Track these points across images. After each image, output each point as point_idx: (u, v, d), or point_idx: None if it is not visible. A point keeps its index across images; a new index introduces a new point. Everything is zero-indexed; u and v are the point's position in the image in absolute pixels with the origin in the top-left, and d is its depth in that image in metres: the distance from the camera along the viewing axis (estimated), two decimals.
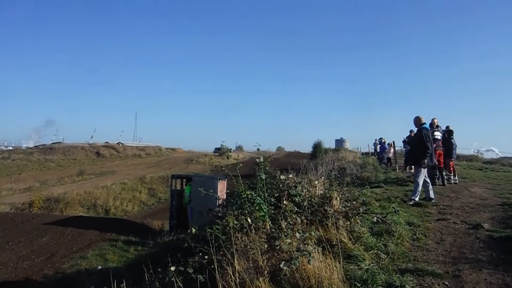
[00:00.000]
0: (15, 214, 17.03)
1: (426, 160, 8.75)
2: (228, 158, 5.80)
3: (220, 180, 12.17)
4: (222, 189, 11.94)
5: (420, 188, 8.71)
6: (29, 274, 9.94)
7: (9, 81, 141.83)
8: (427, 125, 9.40)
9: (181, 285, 3.55)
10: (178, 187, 14.24)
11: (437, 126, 12.59)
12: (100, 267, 9.72)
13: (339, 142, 48.48)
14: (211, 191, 7.78)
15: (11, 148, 62.00)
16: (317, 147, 41.60)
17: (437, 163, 11.83)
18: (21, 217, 15.71)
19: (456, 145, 13.14)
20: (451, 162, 12.69)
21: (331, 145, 46.74)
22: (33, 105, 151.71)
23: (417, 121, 9.16)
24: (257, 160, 5.41)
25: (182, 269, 4.06)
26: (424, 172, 8.86)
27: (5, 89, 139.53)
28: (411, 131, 17.47)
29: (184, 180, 14.62)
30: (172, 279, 3.73)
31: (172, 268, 4.02)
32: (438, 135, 12.19)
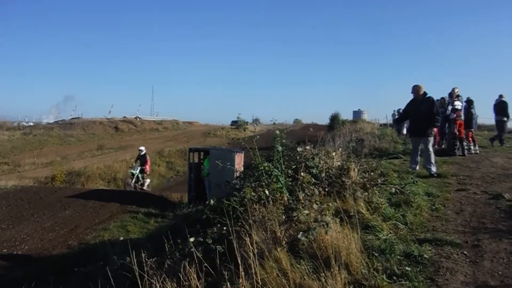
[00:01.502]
0: (38, 188, 17.49)
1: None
2: (245, 131, 5.77)
3: (237, 153, 12.19)
4: (239, 161, 11.98)
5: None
6: (54, 244, 10.28)
7: (28, 58, 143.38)
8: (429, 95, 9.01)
9: (200, 255, 3.62)
10: (196, 160, 14.35)
11: (458, 96, 12.31)
12: (122, 238, 9.97)
13: (357, 114, 47.90)
14: (229, 163, 7.82)
15: (32, 123, 63.13)
16: (334, 118, 41.26)
17: (457, 133, 11.64)
18: (44, 191, 16.13)
19: (477, 115, 12.85)
20: (470, 133, 12.45)
21: (349, 116, 46.32)
22: (53, 81, 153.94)
23: (418, 89, 8.87)
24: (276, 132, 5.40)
25: (201, 240, 4.14)
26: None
27: (25, 66, 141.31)
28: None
29: (202, 153, 14.71)
30: (191, 249, 3.80)
31: (192, 239, 4.10)
32: (458, 104, 11.94)
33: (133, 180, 17.97)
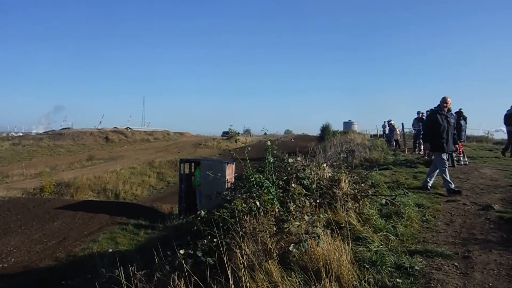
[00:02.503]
0: (27, 199, 17.26)
1: None
2: (236, 142, 5.76)
3: (229, 164, 12.17)
4: (230, 172, 11.95)
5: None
6: (41, 257, 10.12)
7: (19, 67, 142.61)
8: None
9: (190, 268, 3.57)
10: (187, 171, 14.30)
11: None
12: (111, 250, 9.86)
13: (347, 125, 48.25)
14: (220, 174, 7.78)
15: (21, 134, 62.52)
16: (325, 129, 41.50)
17: None
18: (32, 202, 15.92)
19: (465, 127, 12.97)
20: (459, 144, 12.55)
21: (340, 127, 46.59)
22: (43, 91, 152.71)
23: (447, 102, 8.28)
24: (266, 142, 5.40)
25: (191, 252, 4.08)
26: None
27: (15, 75, 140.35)
28: (419, 113, 17.31)
29: (193, 164, 14.67)
30: (181, 262, 3.75)
31: (181, 251, 4.04)
32: None
33: None
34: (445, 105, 8.08)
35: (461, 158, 12.37)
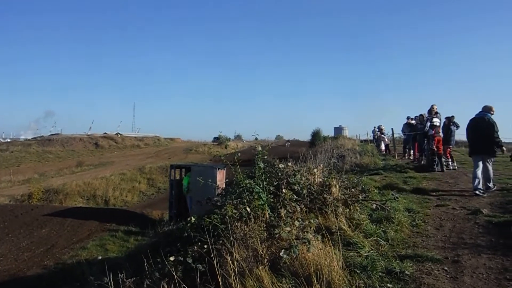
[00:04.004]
0: (14, 206, 17.02)
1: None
2: (226, 148, 5.75)
3: (219, 170, 12.14)
4: (221, 178, 11.91)
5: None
6: (29, 265, 9.96)
7: (7, 72, 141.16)
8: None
9: (180, 275, 3.54)
10: (177, 177, 14.22)
11: (436, 113, 12.57)
12: (100, 257, 9.74)
13: (338, 130, 48.46)
14: (210, 180, 7.77)
15: (9, 140, 61.83)
16: (316, 135, 41.69)
17: (436, 149, 11.85)
18: (20, 209, 15.70)
19: (455, 132, 13.11)
20: (448, 149, 12.68)
21: (330, 133, 46.81)
22: (31, 96, 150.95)
23: (489, 109, 8.38)
24: (256, 148, 5.39)
25: (182, 258, 4.05)
26: None
27: (3, 80, 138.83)
28: (408, 118, 17.44)
29: (183, 170, 14.60)
30: (171, 269, 3.72)
31: (171, 258, 4.01)
32: (436, 121, 12.18)
33: None
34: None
35: (450, 163, 12.50)
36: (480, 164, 8.24)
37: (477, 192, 7.87)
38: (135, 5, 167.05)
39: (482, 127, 8.17)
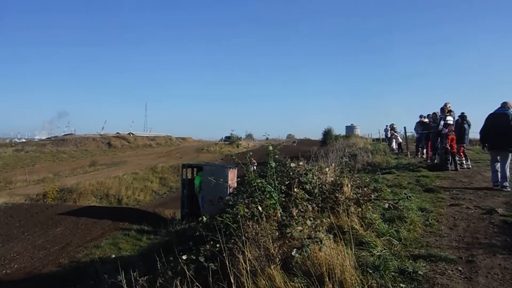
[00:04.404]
0: (29, 205, 17.29)
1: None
2: (238, 147, 5.79)
3: (231, 169, 12.17)
4: (232, 177, 11.95)
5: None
6: (44, 263, 10.11)
7: (22, 73, 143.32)
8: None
9: (192, 273, 3.56)
10: (189, 176, 14.30)
11: (450, 111, 12.41)
12: (113, 256, 9.85)
13: (350, 129, 48.25)
14: (222, 179, 7.79)
15: (24, 140, 62.76)
16: (327, 134, 41.52)
17: (449, 148, 11.70)
18: (35, 208, 15.96)
19: (469, 131, 12.94)
20: (461, 148, 12.51)
21: (342, 131, 46.60)
22: (46, 97, 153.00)
23: (510, 106, 8.47)
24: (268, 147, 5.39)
25: (194, 257, 4.08)
26: None
27: (18, 82, 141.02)
28: (421, 116, 17.27)
29: (195, 169, 14.67)
30: (183, 267, 3.74)
31: (184, 257, 4.04)
32: (450, 119, 12.02)
33: None
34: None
35: (464, 162, 12.33)
36: (498, 159, 8.45)
37: (499, 186, 8.09)
38: (148, 6, 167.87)
39: (503, 122, 8.26)
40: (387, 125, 27.96)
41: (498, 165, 8.41)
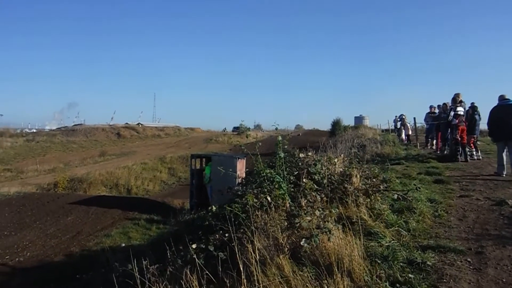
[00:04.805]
0: (41, 194, 17.54)
1: None
2: (247, 137, 5.83)
3: (239, 159, 12.20)
4: (241, 168, 11.99)
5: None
6: (56, 251, 10.28)
7: (32, 65, 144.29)
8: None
9: (202, 262, 3.60)
10: (198, 167, 14.36)
11: (460, 102, 12.27)
12: (123, 245, 9.98)
13: (359, 119, 47.91)
14: (231, 170, 7.81)
15: (34, 130, 63.37)
16: (336, 124, 41.29)
17: (459, 139, 11.60)
18: (47, 197, 16.18)
19: (479, 122, 12.81)
20: (472, 139, 12.39)
21: (350, 122, 46.33)
22: (55, 87, 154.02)
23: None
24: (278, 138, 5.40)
25: (204, 246, 4.12)
26: None
27: (28, 72, 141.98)
28: (431, 107, 17.12)
29: (204, 159, 14.72)
30: (193, 256, 3.78)
31: (194, 246, 4.08)
32: (461, 110, 11.91)
33: None
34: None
35: (474, 153, 12.22)
36: (505, 150, 8.78)
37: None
38: None
39: (508, 113, 8.66)
40: (396, 116, 27.82)
41: (505, 158, 8.73)
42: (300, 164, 5.90)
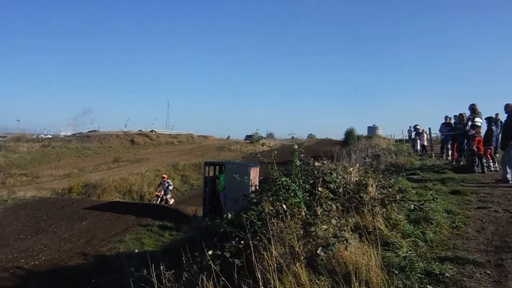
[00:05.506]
0: (56, 199, 17.76)
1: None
2: (263, 146, 5.90)
3: (253, 167, 12.22)
4: (254, 175, 12.00)
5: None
6: (70, 256, 10.37)
7: (49, 71, 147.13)
8: None
9: (218, 268, 3.61)
10: (211, 174, 14.41)
11: (478, 113, 12.13)
12: (137, 251, 10.03)
13: (372, 129, 47.57)
14: (246, 177, 7.83)
15: (50, 136, 64.27)
16: (349, 134, 41.13)
17: (476, 149, 11.46)
18: (61, 202, 16.38)
19: (497, 132, 12.64)
20: (488, 150, 12.22)
21: (363, 132, 46.04)
22: (71, 94, 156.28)
23: (507, 107, 9.53)
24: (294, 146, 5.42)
25: (219, 253, 4.13)
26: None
27: (45, 80, 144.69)
28: (446, 118, 16.96)
29: (217, 167, 14.78)
30: (209, 262, 3.80)
31: (210, 252, 4.10)
32: (478, 121, 11.77)
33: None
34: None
35: (491, 164, 12.05)
36: None
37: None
38: (169, 2, 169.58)
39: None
40: (410, 126, 27.60)
41: None
42: (315, 172, 5.90)
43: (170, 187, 20.53)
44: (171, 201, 20.21)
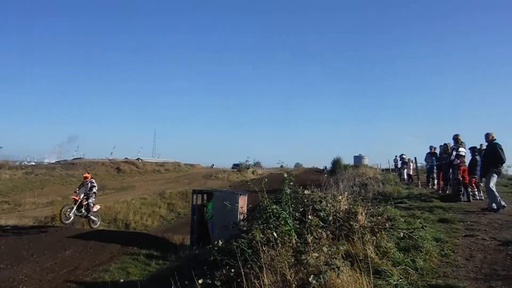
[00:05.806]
0: (39, 227, 17.32)
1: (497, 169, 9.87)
2: (253, 173, 5.95)
3: (241, 195, 12.16)
4: (243, 204, 11.93)
5: (496, 194, 9.53)
6: (53, 286, 10.02)
7: (33, 98, 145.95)
8: (497, 141, 9.94)
9: None
10: (199, 202, 14.29)
11: (462, 143, 12.41)
12: (122, 280, 9.77)
13: (358, 159, 48.08)
14: (236, 205, 7.80)
15: (33, 163, 63.29)
16: (336, 163, 41.40)
17: (461, 179, 11.64)
18: (44, 230, 15.97)
19: (480, 162, 12.88)
20: (473, 179, 12.43)
21: (349, 161, 46.45)
22: (56, 121, 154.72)
23: (487, 136, 10.01)
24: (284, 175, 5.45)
25: (210, 282, 4.08)
26: (495, 180, 9.79)
27: (29, 106, 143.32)
28: (431, 147, 17.26)
29: (205, 195, 14.67)
30: None
31: (200, 281, 4.04)
32: (462, 151, 12.03)
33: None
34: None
35: (477, 193, 12.23)
36: None
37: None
38: (159, 27, 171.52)
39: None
40: (396, 156, 27.98)
41: None
42: (305, 200, 5.93)
43: (94, 189, 17.43)
44: (95, 208, 17.59)
